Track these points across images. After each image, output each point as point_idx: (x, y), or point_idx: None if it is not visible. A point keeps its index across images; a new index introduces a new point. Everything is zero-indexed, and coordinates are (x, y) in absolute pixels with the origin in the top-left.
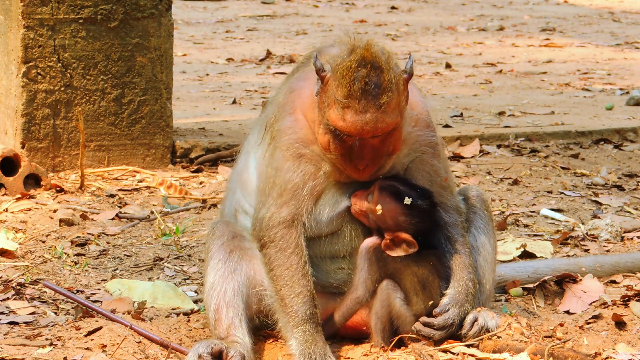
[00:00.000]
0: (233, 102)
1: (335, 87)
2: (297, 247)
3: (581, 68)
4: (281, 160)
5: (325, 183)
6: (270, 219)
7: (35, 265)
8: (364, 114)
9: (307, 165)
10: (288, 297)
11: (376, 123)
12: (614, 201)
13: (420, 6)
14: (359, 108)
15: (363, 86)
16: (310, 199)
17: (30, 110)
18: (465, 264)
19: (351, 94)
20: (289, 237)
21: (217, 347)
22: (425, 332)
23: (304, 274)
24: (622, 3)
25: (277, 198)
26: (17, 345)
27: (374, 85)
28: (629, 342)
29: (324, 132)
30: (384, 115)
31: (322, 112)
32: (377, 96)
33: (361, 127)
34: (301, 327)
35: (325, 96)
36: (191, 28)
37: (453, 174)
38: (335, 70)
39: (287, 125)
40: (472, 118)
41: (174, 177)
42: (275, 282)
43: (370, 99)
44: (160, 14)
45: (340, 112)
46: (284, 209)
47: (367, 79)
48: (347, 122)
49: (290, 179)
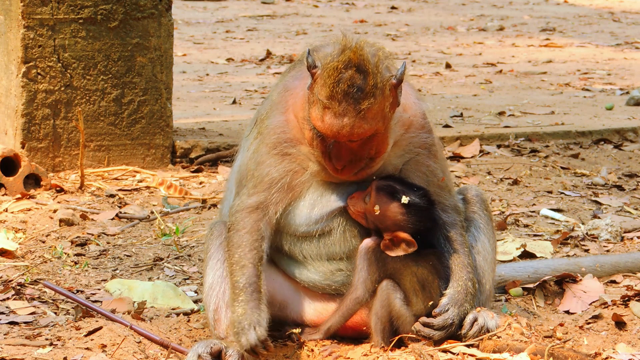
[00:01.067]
0: (233, 102)
1: (320, 85)
2: (252, 227)
3: (581, 68)
4: (264, 156)
5: (310, 181)
6: (238, 206)
7: (35, 265)
8: (342, 117)
9: (289, 164)
10: (234, 272)
11: (352, 128)
12: (614, 201)
13: (420, 6)
14: (338, 111)
15: (346, 89)
16: (282, 193)
17: (30, 110)
18: (464, 264)
19: (332, 95)
20: (248, 220)
21: (216, 347)
22: (425, 332)
23: (251, 249)
24: (622, 3)
25: (251, 188)
26: (17, 345)
27: (356, 89)
28: (629, 342)
29: (308, 128)
30: (362, 121)
31: (310, 103)
32: (358, 100)
33: (337, 131)
34: (239, 298)
35: (312, 93)
36: (191, 28)
37: (452, 174)
38: (324, 68)
39: (276, 124)
40: (472, 118)
41: (174, 177)
42: (228, 261)
43: (351, 103)
44: (160, 14)
45: (320, 112)
46: (253, 197)
47: (350, 82)
48: (325, 123)
49: (268, 173)
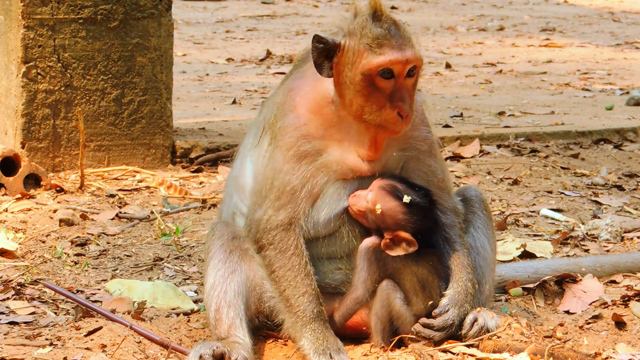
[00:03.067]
0: (233, 102)
1: (359, 40)
2: (297, 248)
3: (581, 68)
4: (281, 162)
5: (324, 185)
6: (268, 222)
7: (35, 265)
8: (401, 46)
9: (307, 167)
10: (293, 297)
11: (414, 53)
12: (614, 201)
13: (420, 6)
14: (394, 44)
15: (391, 23)
16: (307, 202)
17: (30, 110)
18: (464, 264)
19: (382, 34)
20: (288, 240)
21: (219, 349)
22: (425, 333)
23: (307, 274)
24: (622, 3)
25: (275, 200)
26: (17, 345)
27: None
28: (629, 342)
29: (357, 91)
30: (414, 48)
31: (349, 74)
32: (403, 32)
33: (404, 58)
34: (310, 326)
35: (347, 59)
36: (191, 28)
37: (452, 174)
38: (352, 30)
39: (289, 122)
40: (472, 118)
41: (174, 177)
42: (278, 284)
43: (400, 35)
44: (160, 14)
45: (378, 51)
46: (282, 212)
47: (388, 22)
48: (391, 54)
49: (289, 182)
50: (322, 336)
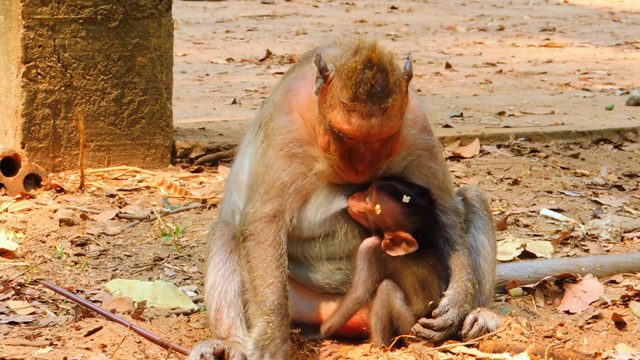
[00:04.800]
0: (233, 102)
1: (339, 88)
2: (275, 240)
3: (581, 68)
4: (273, 159)
5: (317, 184)
6: (254, 214)
7: (35, 265)
8: (370, 118)
9: (298, 166)
10: (260, 287)
11: (381, 127)
12: (614, 201)
13: (420, 6)
14: (364, 112)
15: (369, 89)
16: (296, 198)
17: (30, 110)
18: (464, 265)
19: (357, 97)
20: (268, 231)
21: (219, 347)
22: (424, 333)
23: (279, 266)
24: (622, 3)
25: (264, 195)
26: (17, 345)
27: (380, 88)
28: (629, 342)
29: (324, 133)
30: (388, 119)
31: (323, 112)
32: (382, 99)
33: (367, 131)
34: (266, 317)
35: (328, 96)
36: (191, 28)
37: (452, 175)
38: (340, 70)
39: (282, 124)
40: (472, 118)
41: (174, 177)
42: (250, 273)
43: (376, 102)
44: (160, 14)
45: (345, 115)
46: (268, 205)
47: (373, 82)
48: (353, 125)
49: (279, 177)
50: (272, 333)
